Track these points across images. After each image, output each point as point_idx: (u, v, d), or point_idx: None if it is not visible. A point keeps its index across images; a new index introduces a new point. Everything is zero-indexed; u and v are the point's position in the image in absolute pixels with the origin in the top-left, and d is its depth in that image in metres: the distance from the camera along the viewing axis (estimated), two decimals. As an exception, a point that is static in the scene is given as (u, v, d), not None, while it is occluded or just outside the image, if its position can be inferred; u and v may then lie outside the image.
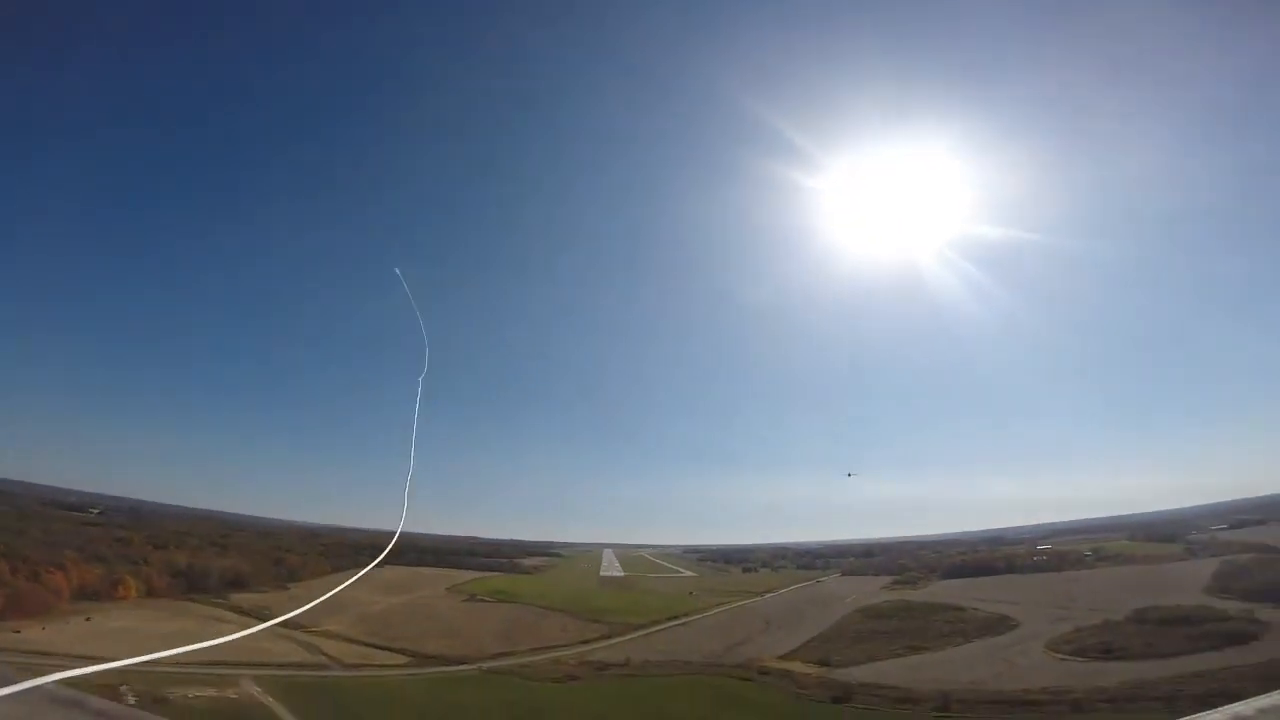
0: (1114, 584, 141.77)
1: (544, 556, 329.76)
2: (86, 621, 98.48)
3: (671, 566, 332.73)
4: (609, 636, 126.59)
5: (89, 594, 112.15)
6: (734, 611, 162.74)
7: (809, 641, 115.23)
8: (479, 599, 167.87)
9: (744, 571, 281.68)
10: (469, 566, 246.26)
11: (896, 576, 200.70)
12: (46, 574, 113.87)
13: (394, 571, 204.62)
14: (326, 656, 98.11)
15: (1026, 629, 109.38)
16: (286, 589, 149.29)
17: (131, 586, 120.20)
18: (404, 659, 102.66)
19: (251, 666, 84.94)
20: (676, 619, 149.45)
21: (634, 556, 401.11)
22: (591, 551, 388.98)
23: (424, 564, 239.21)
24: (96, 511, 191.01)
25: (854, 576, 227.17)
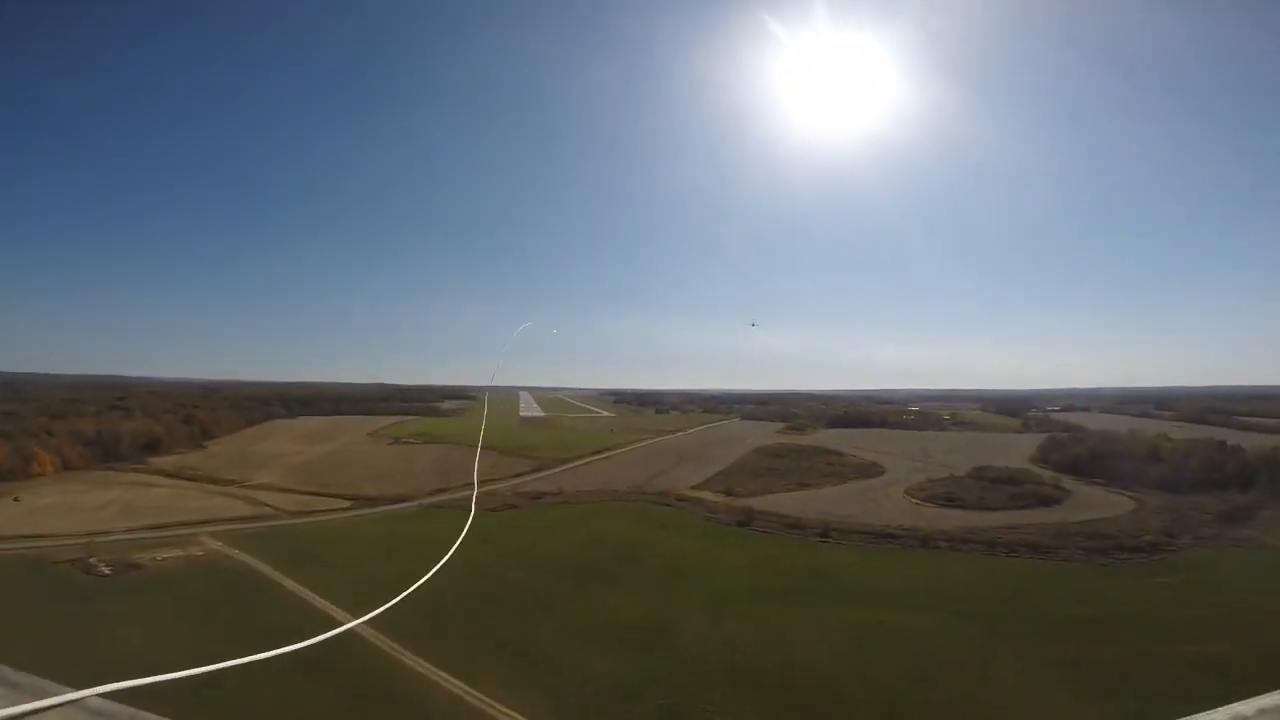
0: (962, 445, 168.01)
1: (460, 400, 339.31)
2: (15, 502, 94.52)
3: (589, 408, 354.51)
4: (539, 470, 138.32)
5: (2, 474, 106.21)
6: (651, 447, 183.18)
7: (716, 475, 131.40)
8: (404, 442, 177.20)
9: (657, 413, 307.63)
10: (385, 412, 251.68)
11: (788, 423, 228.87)
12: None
13: (311, 421, 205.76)
14: (271, 508, 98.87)
15: (891, 476, 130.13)
16: (204, 447, 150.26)
17: (46, 461, 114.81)
18: (345, 502, 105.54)
19: (204, 524, 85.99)
20: (600, 453, 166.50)
21: (552, 398, 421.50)
22: (508, 394, 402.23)
23: (340, 413, 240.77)
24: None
25: (752, 421, 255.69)
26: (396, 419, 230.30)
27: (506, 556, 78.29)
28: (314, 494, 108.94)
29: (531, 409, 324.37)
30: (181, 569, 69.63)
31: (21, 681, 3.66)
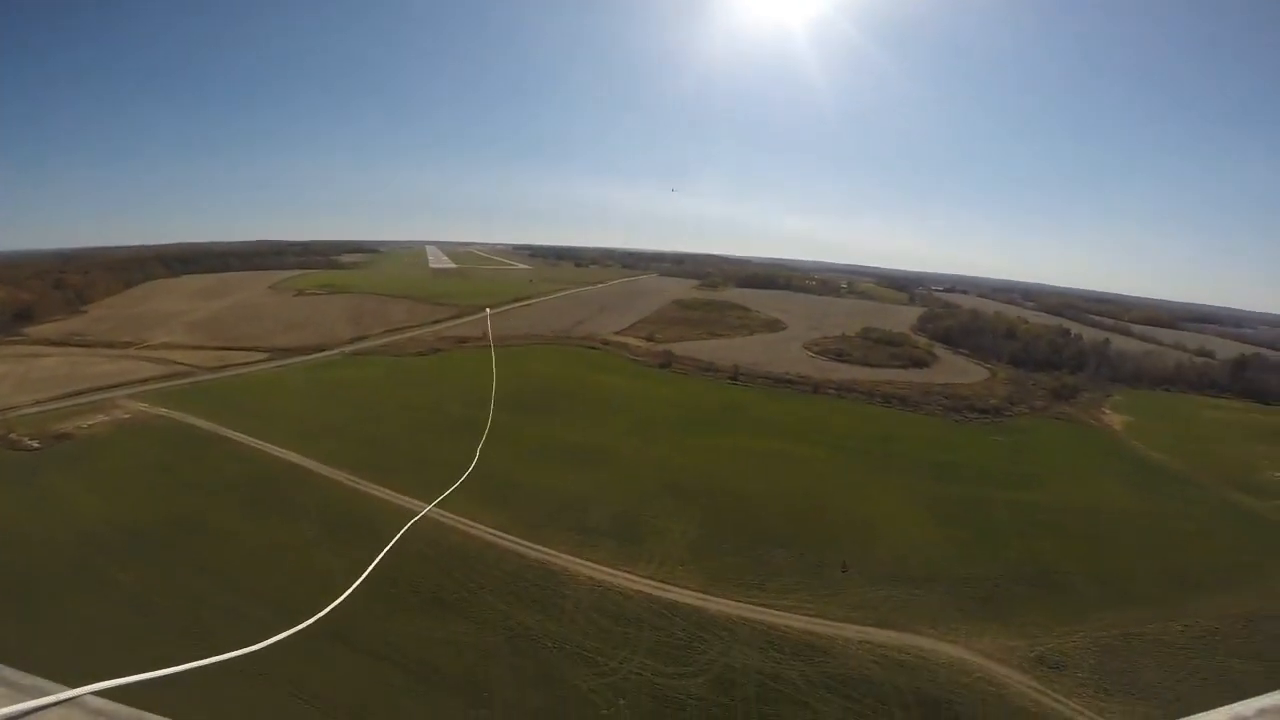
0: (856, 311, 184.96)
1: (360, 253, 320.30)
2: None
3: (504, 260, 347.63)
4: (459, 316, 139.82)
5: None
6: (572, 297, 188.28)
7: (638, 323, 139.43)
8: (309, 294, 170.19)
9: (576, 266, 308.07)
10: (279, 267, 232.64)
11: (703, 281, 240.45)
12: None
13: (199, 279, 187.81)
14: (184, 365, 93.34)
15: (792, 331, 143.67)
16: (83, 312, 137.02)
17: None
18: (261, 355, 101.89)
19: (116, 388, 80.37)
20: (521, 301, 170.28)
21: (462, 252, 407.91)
22: (412, 248, 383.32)
23: (228, 269, 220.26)
24: None
25: (669, 278, 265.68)
26: (294, 273, 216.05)
27: (442, 395, 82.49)
28: (226, 349, 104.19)
29: (441, 261, 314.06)
30: (114, 433, 66.17)
31: (20, 681, 3.75)
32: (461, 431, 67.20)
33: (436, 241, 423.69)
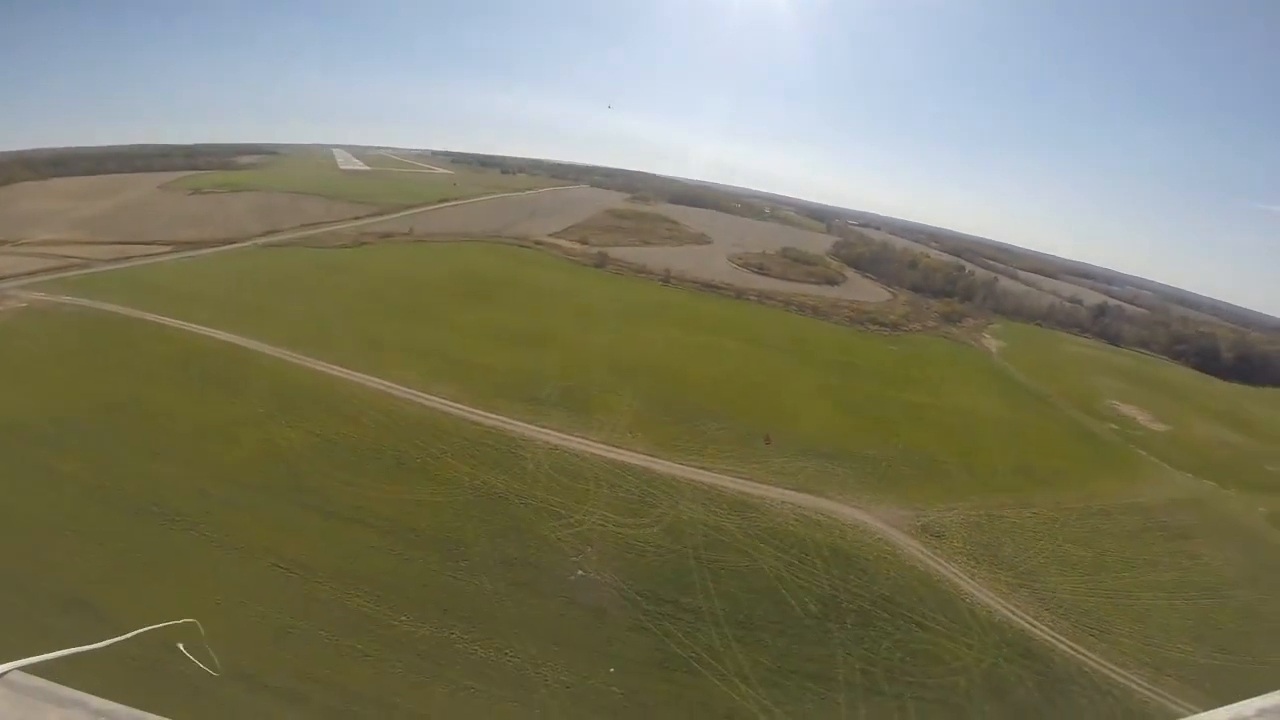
0: (777, 233, 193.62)
1: (259, 154, 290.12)
2: None
3: (422, 165, 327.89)
4: (380, 214, 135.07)
5: None
6: (501, 201, 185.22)
7: (570, 227, 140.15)
8: (205, 192, 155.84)
9: (503, 173, 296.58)
10: (168, 169, 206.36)
11: (634, 194, 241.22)
12: None
13: (74, 181, 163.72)
14: (77, 258, 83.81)
15: (718, 246, 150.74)
16: None
17: None
18: (164, 247, 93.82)
19: (3, 280, 70.07)
20: (445, 202, 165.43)
21: (373, 155, 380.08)
22: (317, 151, 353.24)
23: (106, 172, 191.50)
24: None
25: (600, 189, 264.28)
26: (184, 174, 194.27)
27: (375, 283, 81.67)
28: (123, 244, 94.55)
29: (352, 164, 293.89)
30: (14, 321, 59.66)
31: None
32: (403, 315, 68.43)
33: (344, 145, 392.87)
